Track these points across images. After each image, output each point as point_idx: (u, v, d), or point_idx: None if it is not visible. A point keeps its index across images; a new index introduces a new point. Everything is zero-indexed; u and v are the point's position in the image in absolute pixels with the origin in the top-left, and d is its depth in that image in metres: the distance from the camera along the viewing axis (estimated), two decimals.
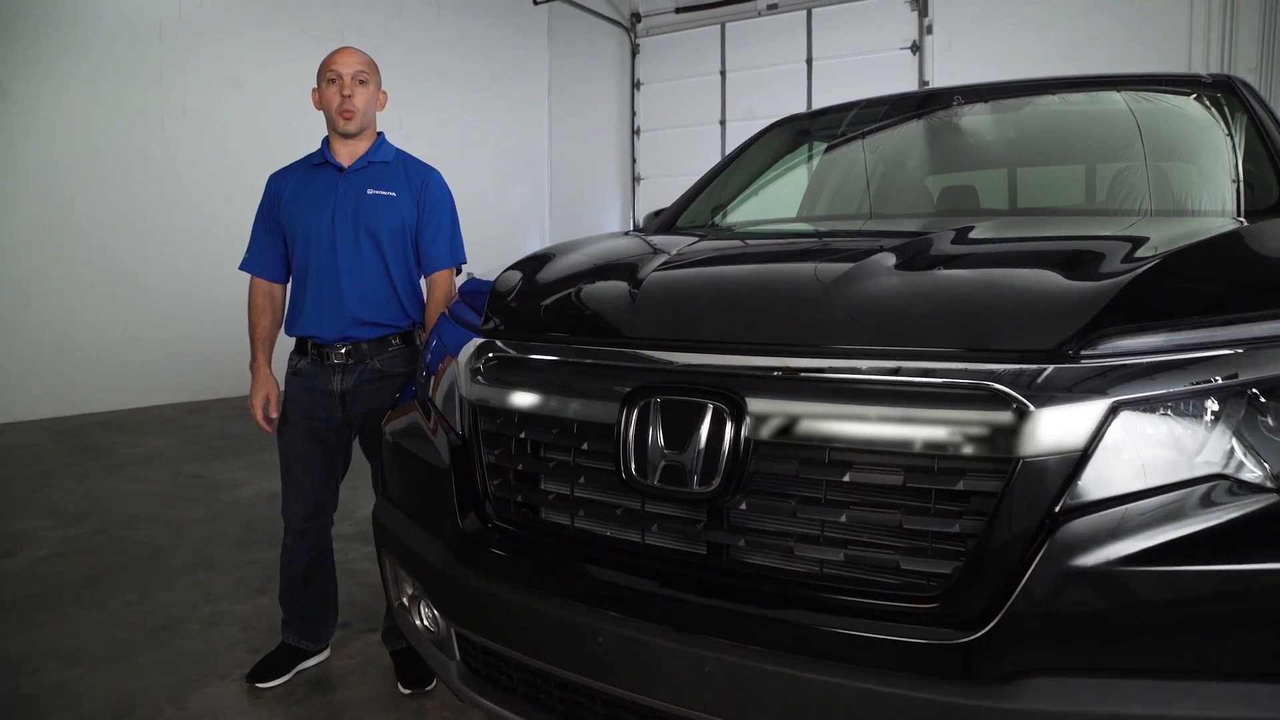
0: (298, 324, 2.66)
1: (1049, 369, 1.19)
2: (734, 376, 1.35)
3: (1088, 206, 2.68)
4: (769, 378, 1.33)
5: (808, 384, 1.31)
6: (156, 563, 3.85)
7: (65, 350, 7.46)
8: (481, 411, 1.65)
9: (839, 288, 1.43)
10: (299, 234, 2.62)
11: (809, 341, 1.35)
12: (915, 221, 2.51)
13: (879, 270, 1.48)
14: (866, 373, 1.27)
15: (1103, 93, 3.07)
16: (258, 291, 2.74)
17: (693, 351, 1.41)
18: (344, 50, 2.64)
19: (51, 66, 7.32)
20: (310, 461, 2.67)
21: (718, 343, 1.42)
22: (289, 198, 2.65)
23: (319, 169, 2.67)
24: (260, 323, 2.73)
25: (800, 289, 1.52)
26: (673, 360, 1.42)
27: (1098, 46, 9.29)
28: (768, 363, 1.34)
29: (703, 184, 3.15)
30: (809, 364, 1.31)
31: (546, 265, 2.00)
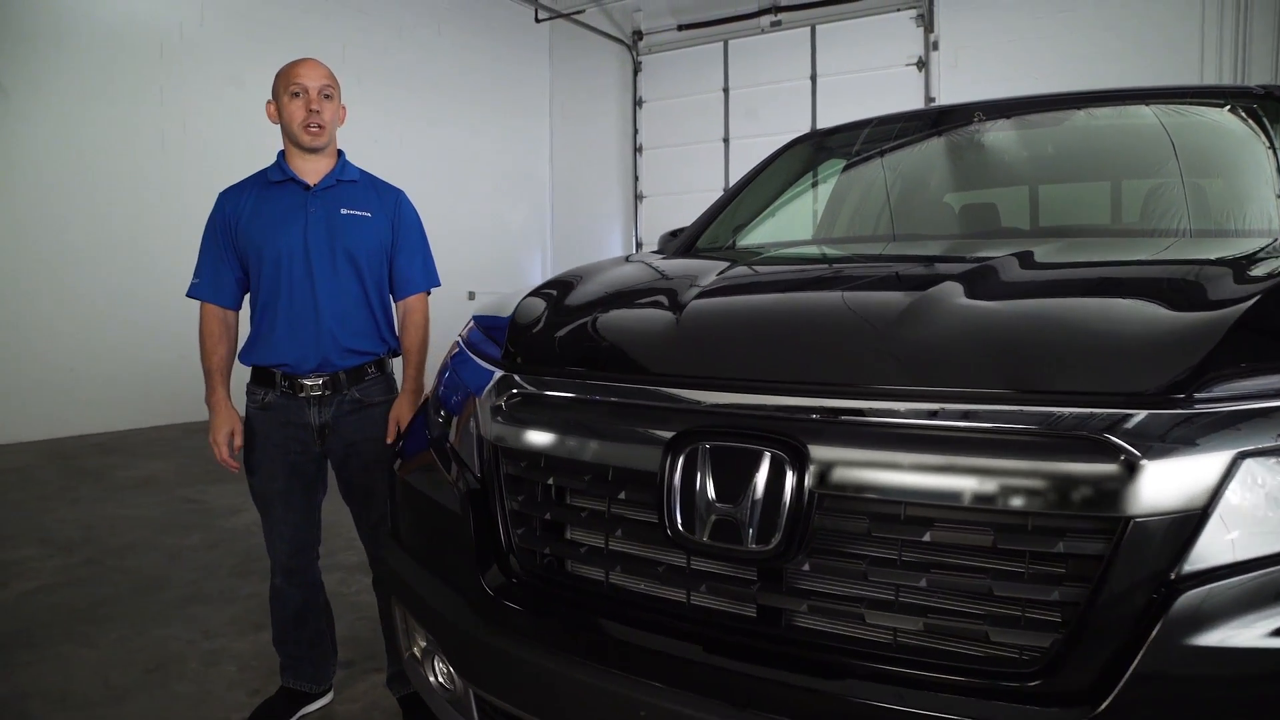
0: (262, 352, 2.46)
1: (1161, 415, 1.05)
2: (795, 421, 1.21)
3: (1139, 226, 2.54)
4: (835, 422, 1.19)
5: (880, 430, 1.16)
6: (151, 595, 3.70)
7: (61, 371, 7.32)
8: (503, 453, 1.50)
9: (910, 321, 1.29)
10: (265, 255, 2.42)
11: (880, 382, 1.21)
12: (952, 243, 2.38)
13: (951, 301, 1.34)
14: (947, 418, 1.13)
15: (1139, 106, 2.95)
16: (212, 319, 2.50)
17: (746, 391, 1.27)
18: (307, 62, 2.45)
19: (50, 84, 7.21)
20: (291, 498, 2.51)
21: (775, 382, 1.27)
22: (249, 217, 2.44)
23: (280, 186, 2.47)
24: (217, 352, 2.49)
25: (866, 322, 1.37)
26: (723, 401, 1.28)
27: (1107, 62, 9.21)
28: (834, 405, 1.20)
29: (723, 203, 3.01)
30: (881, 407, 1.17)
31: (571, 292, 1.85)
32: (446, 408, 1.83)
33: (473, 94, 11.49)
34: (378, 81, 9.73)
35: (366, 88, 8.87)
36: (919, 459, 1.12)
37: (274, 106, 2.46)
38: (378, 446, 2.49)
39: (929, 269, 1.66)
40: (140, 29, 7.87)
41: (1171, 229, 2.38)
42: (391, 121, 9.90)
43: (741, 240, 2.80)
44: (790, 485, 1.17)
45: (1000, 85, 9.43)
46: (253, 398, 2.50)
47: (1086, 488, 1.04)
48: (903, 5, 10.71)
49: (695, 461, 1.23)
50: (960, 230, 2.77)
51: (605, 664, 1.30)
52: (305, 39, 9.09)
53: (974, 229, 2.74)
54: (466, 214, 11.00)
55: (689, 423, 1.27)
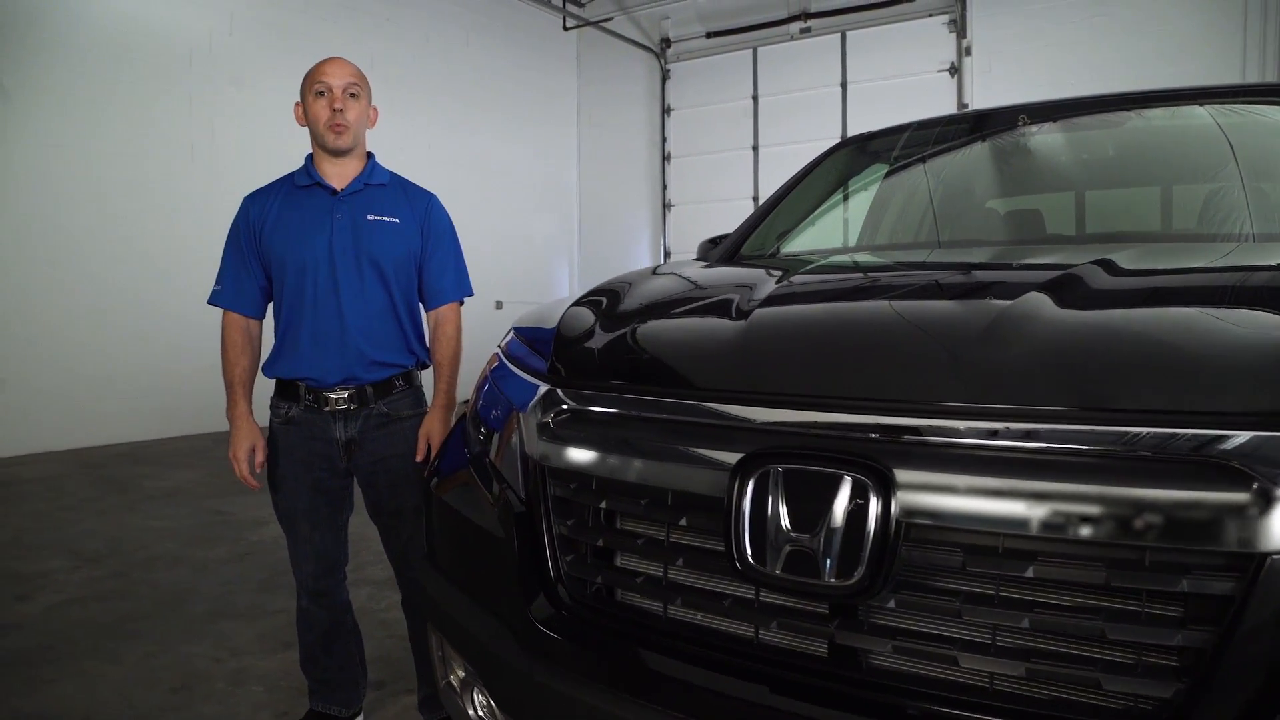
0: (286, 364, 2.36)
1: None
2: (879, 442, 1.10)
3: (1199, 232, 2.41)
4: (926, 445, 1.08)
5: (976, 453, 1.05)
6: (177, 610, 3.63)
7: (89, 380, 7.33)
8: (550, 473, 1.40)
9: (1002, 334, 1.17)
10: (289, 263, 2.32)
11: (975, 400, 1.09)
12: (1018, 250, 2.26)
13: (1045, 313, 1.22)
14: (1050, 440, 1.02)
15: (1192, 107, 2.82)
16: (234, 329, 2.41)
17: (822, 409, 1.16)
18: (333, 60, 2.36)
19: (79, 95, 7.23)
20: (316, 516, 2.41)
21: (856, 399, 1.16)
22: (273, 222, 2.35)
23: (306, 191, 2.38)
24: (239, 363, 2.39)
25: (955, 335, 1.25)
26: (797, 420, 1.17)
27: (1144, 66, 9.04)
28: (924, 425, 1.09)
29: (765, 210, 2.91)
30: (977, 427, 1.06)
31: (621, 301, 1.75)
32: (486, 423, 1.74)
33: (500, 103, 11.47)
34: (405, 90, 9.71)
35: (394, 97, 8.84)
36: (1020, 485, 1.01)
37: (301, 108, 2.38)
38: (406, 463, 2.40)
39: (1008, 277, 1.54)
40: (169, 38, 7.89)
41: (1235, 234, 2.25)
42: (418, 130, 9.88)
43: (786, 247, 2.70)
44: (875, 514, 1.06)
45: (1035, 91, 9.27)
46: (276, 412, 2.41)
47: (1214, 520, 0.92)
48: (935, 10, 10.59)
49: (767, 486, 1.12)
50: (1009, 236, 2.65)
51: (663, 705, 1.20)
52: (333, 48, 9.03)
53: (1023, 235, 2.62)
54: (493, 223, 10.96)
55: (758, 443, 1.16)
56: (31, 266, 7.01)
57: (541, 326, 1.80)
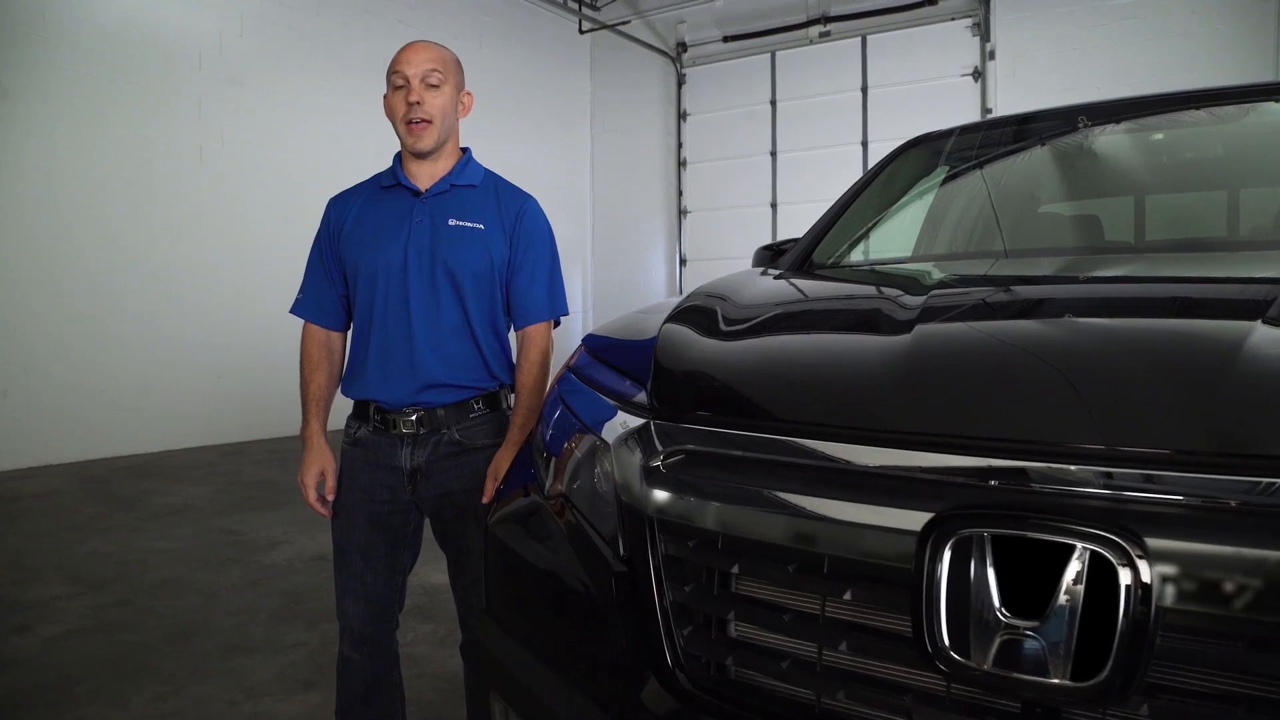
0: (358, 384, 2.13)
1: None
2: (1127, 504, 0.85)
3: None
4: (1197, 509, 0.83)
5: (1269, 518, 0.80)
6: (187, 643, 3.37)
7: (96, 391, 7.10)
8: (662, 528, 1.14)
9: (1263, 367, 0.92)
10: (362, 271, 2.09)
11: (1256, 449, 0.84)
12: (1184, 260, 2.01)
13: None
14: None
15: (1269, 103, 2.57)
16: (312, 341, 2.19)
17: (1042, 458, 0.90)
18: (412, 45, 2.08)
19: (83, 98, 7.01)
20: (372, 554, 2.14)
21: (1090, 447, 0.90)
22: (351, 226, 2.13)
23: (390, 192, 2.14)
24: (314, 379, 2.17)
25: (1202, 366, 0.97)
26: (1007, 471, 0.91)
27: (1174, 71, 8.80)
28: (1187, 481, 0.83)
29: (836, 213, 2.66)
30: (1267, 484, 0.81)
31: (730, 315, 1.48)
32: (555, 453, 1.49)
33: (514, 107, 11.25)
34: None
35: None
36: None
37: (386, 101, 2.13)
38: (477, 499, 2.11)
39: (1204, 293, 1.29)
40: (178, 40, 7.67)
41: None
42: None
43: (867, 254, 2.45)
44: (1125, 595, 0.81)
45: (1060, 96, 9.02)
46: (348, 431, 2.17)
47: None
48: (958, 14, 10.37)
49: (969, 555, 0.87)
50: (1149, 245, 2.41)
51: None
52: (345, 52, 8.90)
53: (1152, 241, 2.38)
54: None
55: (954, 500, 0.91)
56: (34, 273, 6.78)
57: (619, 340, 1.56)
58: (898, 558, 0.92)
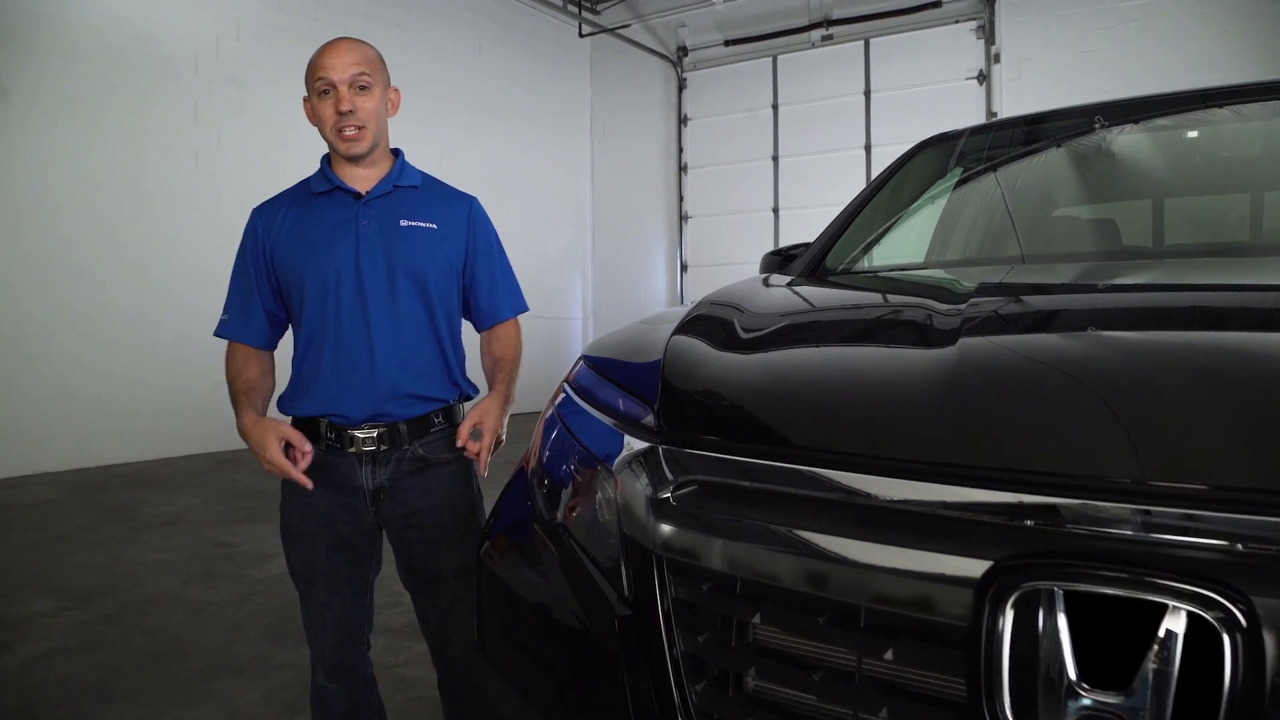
0: (305, 400, 1.96)
1: None
2: (1230, 556, 0.72)
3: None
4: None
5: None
6: (173, 663, 3.25)
7: (88, 398, 6.97)
8: (672, 568, 1.02)
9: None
10: (308, 281, 1.93)
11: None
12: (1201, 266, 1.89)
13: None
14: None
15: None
16: (239, 360, 2.03)
17: (1127, 499, 0.78)
18: (334, 46, 1.93)
19: (79, 102, 6.90)
20: (337, 578, 2.01)
21: (1187, 489, 0.77)
22: (287, 235, 1.96)
23: (326, 198, 1.99)
24: (241, 375, 2.00)
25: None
26: (1082, 513, 0.79)
27: (1186, 73, 8.67)
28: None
29: (848, 217, 2.54)
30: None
31: (745, 327, 1.35)
32: (556, 480, 1.36)
33: (513, 112, 11.14)
34: (417, 98, 9.30)
35: (406, 104, 8.49)
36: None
37: (308, 105, 1.97)
38: (445, 517, 2.00)
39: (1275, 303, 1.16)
40: (174, 43, 7.56)
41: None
42: (430, 139, 9.53)
43: (882, 259, 2.33)
44: (1232, 665, 0.68)
45: (1066, 99, 8.87)
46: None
47: None
48: (962, 17, 10.27)
49: (1037, 613, 0.75)
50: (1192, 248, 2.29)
51: None
52: None
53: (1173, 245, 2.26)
54: (506, 234, 10.33)
55: (1019, 546, 0.78)
56: (28, 278, 6.66)
57: (623, 360, 1.43)
58: (950, 612, 0.80)
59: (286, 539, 2.04)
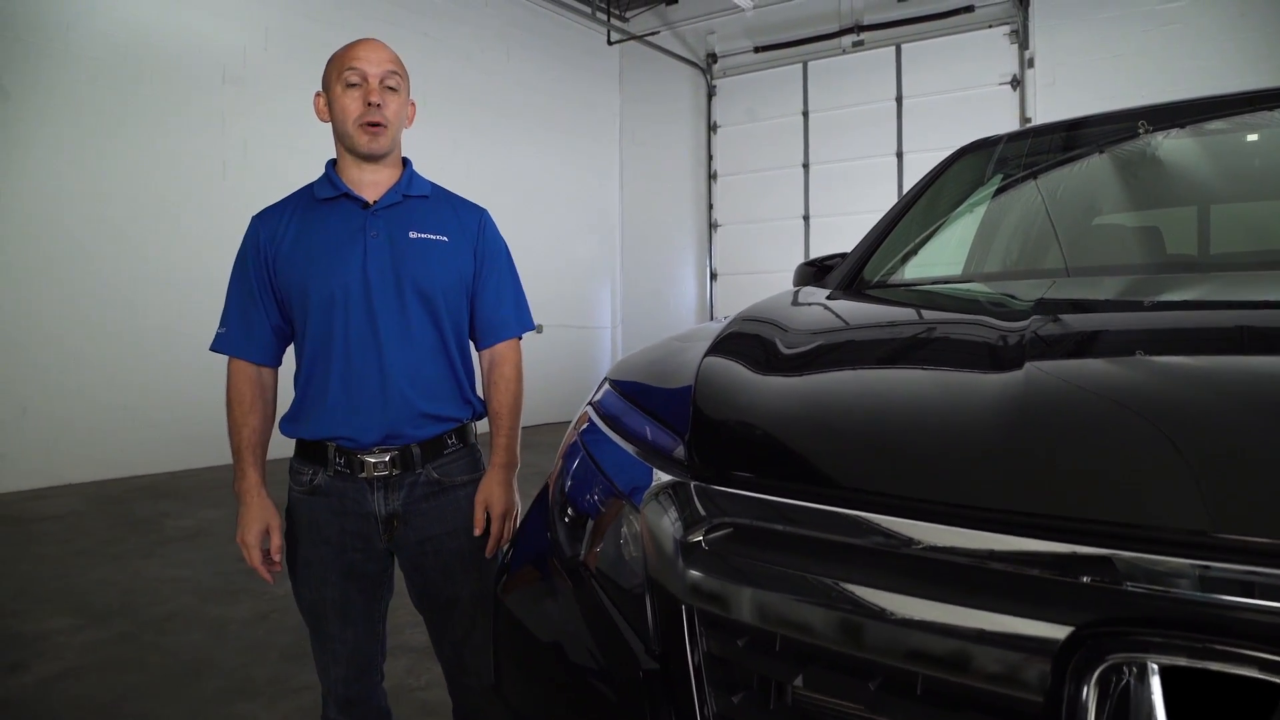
0: (311, 422, 1.87)
1: None
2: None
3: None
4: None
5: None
6: (190, 684, 3.17)
7: (115, 409, 6.97)
8: (707, 621, 0.91)
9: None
10: (313, 294, 1.84)
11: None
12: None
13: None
14: None
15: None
16: (241, 380, 1.92)
17: (1239, 559, 0.66)
18: (366, 43, 1.87)
19: (108, 113, 6.91)
20: (349, 608, 1.91)
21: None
22: (291, 245, 1.87)
23: (331, 205, 1.89)
24: (247, 423, 1.90)
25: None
26: (1184, 574, 0.67)
27: (1224, 76, 8.45)
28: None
29: (886, 227, 2.42)
30: None
31: (784, 348, 1.23)
32: (579, 511, 1.26)
33: (541, 120, 11.10)
34: (445, 106, 9.38)
35: (432, 113, 8.46)
36: None
37: (324, 100, 1.90)
38: (461, 541, 1.91)
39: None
40: (203, 55, 7.57)
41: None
42: (457, 148, 9.52)
43: (922, 271, 2.21)
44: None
45: (1103, 104, 8.67)
46: (297, 479, 1.92)
47: None
48: (995, 22, 10.10)
49: (1127, 689, 0.64)
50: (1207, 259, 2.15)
51: None
52: None
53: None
54: (533, 243, 10.55)
55: (1105, 609, 0.67)
56: (54, 290, 6.67)
57: (651, 383, 1.33)
58: (1023, 684, 0.69)
59: (293, 569, 1.95)
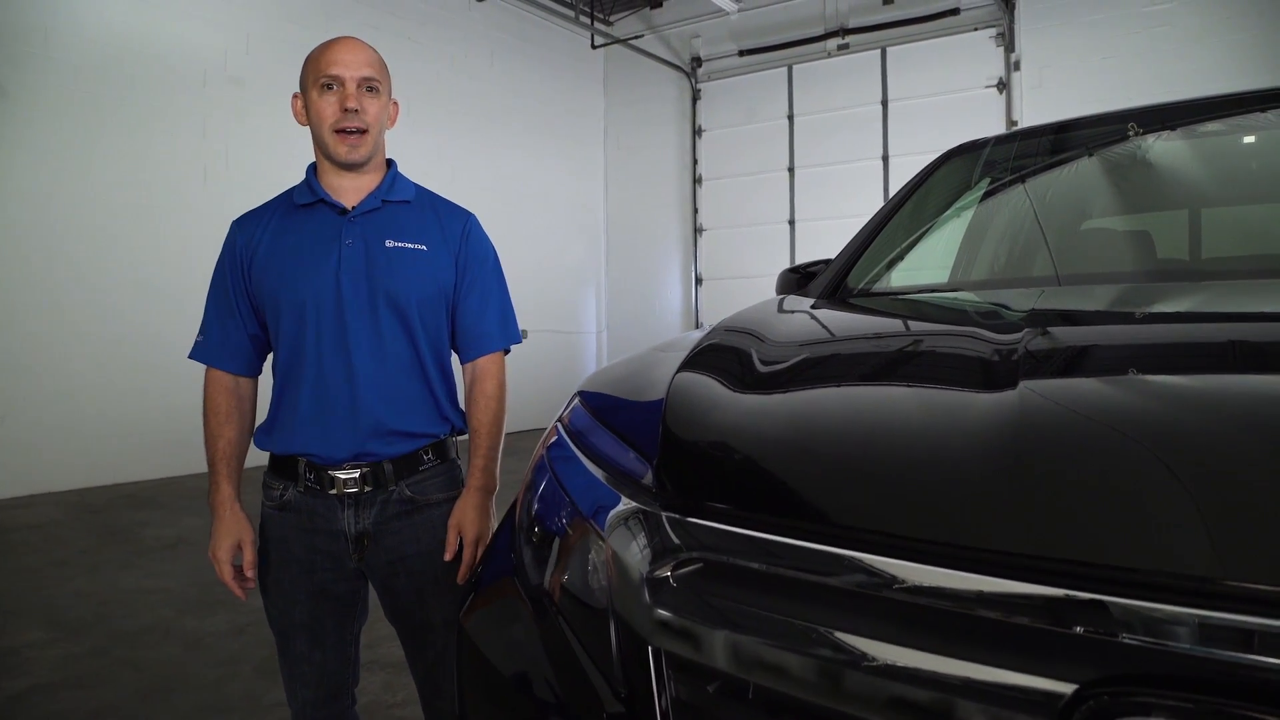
0: (282, 435, 1.82)
1: None
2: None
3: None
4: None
5: None
6: (161, 701, 3.10)
7: (97, 416, 6.88)
8: (675, 665, 0.85)
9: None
10: (284, 304, 1.79)
11: None
12: None
13: None
14: None
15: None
16: (218, 390, 1.87)
17: (1262, 611, 0.60)
18: (343, 42, 1.78)
19: (87, 118, 6.83)
20: (319, 630, 1.85)
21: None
22: (266, 252, 1.81)
23: (309, 211, 1.83)
24: (223, 434, 1.85)
25: None
26: (1201, 626, 0.61)
27: (1213, 79, 8.44)
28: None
29: (871, 232, 2.37)
30: None
31: (762, 364, 1.17)
32: (542, 535, 1.20)
33: (526, 124, 11.03)
34: (428, 110, 9.31)
35: (417, 116, 8.42)
36: None
37: (300, 102, 1.82)
38: (434, 562, 1.84)
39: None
40: (183, 59, 7.48)
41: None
42: (442, 152, 9.45)
43: (908, 278, 2.16)
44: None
45: (1090, 107, 8.65)
46: (269, 493, 1.85)
47: None
48: (980, 24, 10.08)
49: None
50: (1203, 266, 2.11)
51: None
52: None
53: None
54: (518, 248, 10.46)
55: (1113, 666, 0.61)
56: (33, 295, 6.57)
57: (622, 398, 1.27)
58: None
59: (263, 586, 1.88)
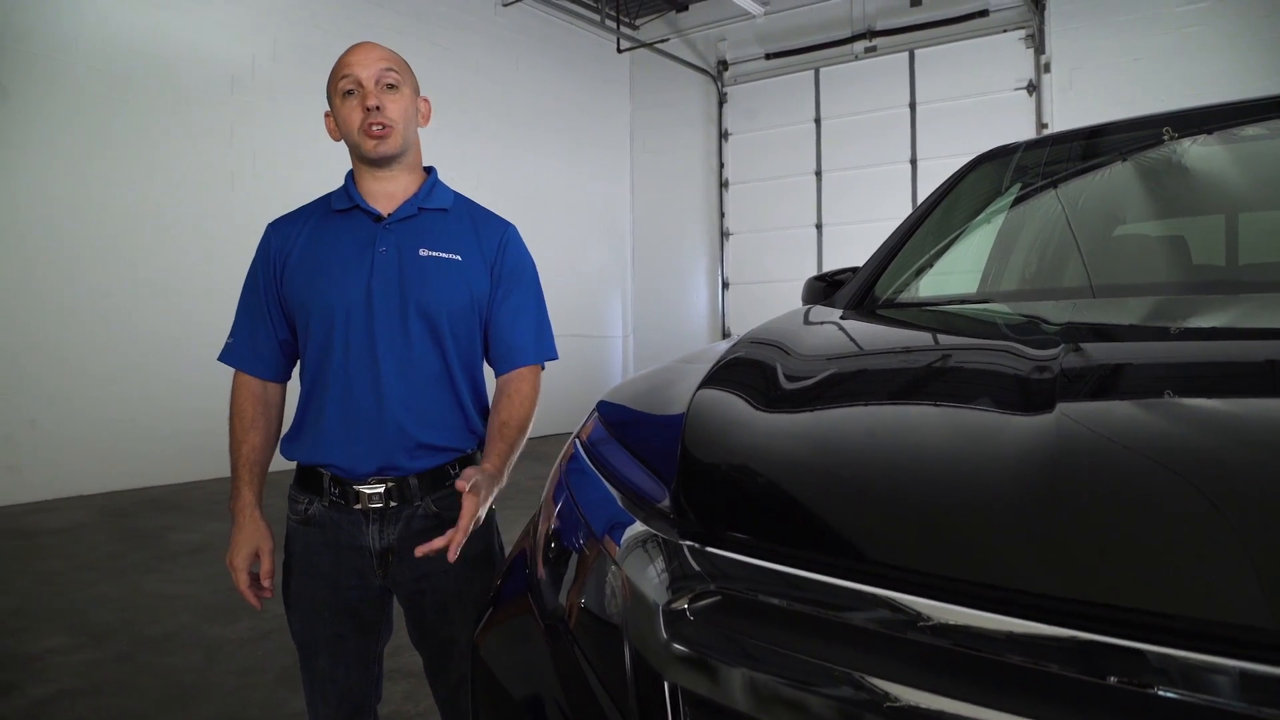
0: (308, 445, 1.78)
1: None
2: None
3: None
4: None
5: None
6: (181, 710, 3.09)
7: (123, 420, 6.93)
8: (692, 704, 0.81)
9: None
10: (314, 311, 1.76)
11: None
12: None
13: None
14: None
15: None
16: (245, 395, 1.85)
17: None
18: (359, 47, 1.77)
19: (113, 125, 6.88)
20: (340, 646, 1.81)
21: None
22: (299, 257, 1.80)
23: (344, 216, 1.81)
24: (247, 440, 1.82)
25: None
26: (1251, 684, 0.57)
27: (1245, 80, 8.29)
28: None
29: (899, 240, 2.31)
30: None
31: (786, 384, 1.12)
32: (558, 556, 1.16)
33: (551, 129, 11.02)
34: (454, 115, 9.31)
35: (443, 121, 8.41)
36: None
37: (331, 119, 1.81)
38: (460, 580, 1.80)
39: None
40: (212, 65, 7.54)
41: None
42: (468, 159, 9.46)
43: (938, 288, 2.10)
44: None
45: (1122, 109, 8.52)
46: (294, 506, 1.82)
47: None
48: (1010, 26, 9.96)
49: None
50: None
51: None
52: None
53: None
54: (543, 253, 10.28)
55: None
56: (60, 302, 6.63)
57: (642, 413, 1.22)
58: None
59: (287, 601, 1.86)
